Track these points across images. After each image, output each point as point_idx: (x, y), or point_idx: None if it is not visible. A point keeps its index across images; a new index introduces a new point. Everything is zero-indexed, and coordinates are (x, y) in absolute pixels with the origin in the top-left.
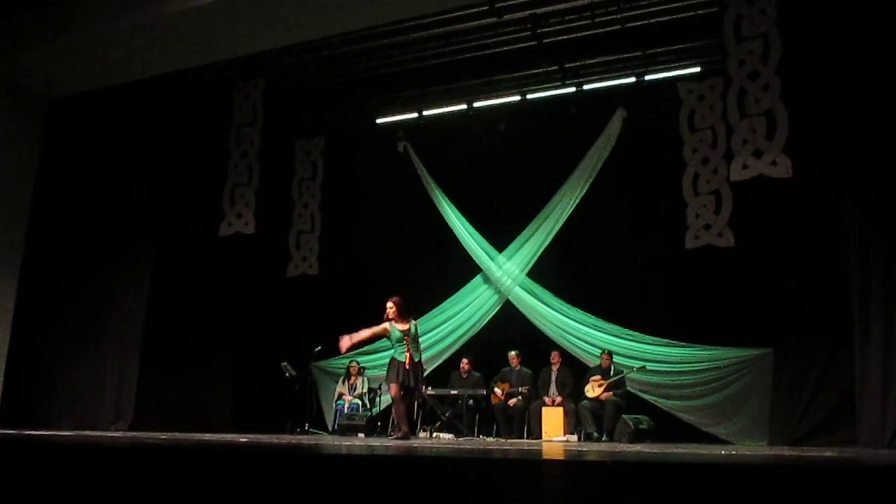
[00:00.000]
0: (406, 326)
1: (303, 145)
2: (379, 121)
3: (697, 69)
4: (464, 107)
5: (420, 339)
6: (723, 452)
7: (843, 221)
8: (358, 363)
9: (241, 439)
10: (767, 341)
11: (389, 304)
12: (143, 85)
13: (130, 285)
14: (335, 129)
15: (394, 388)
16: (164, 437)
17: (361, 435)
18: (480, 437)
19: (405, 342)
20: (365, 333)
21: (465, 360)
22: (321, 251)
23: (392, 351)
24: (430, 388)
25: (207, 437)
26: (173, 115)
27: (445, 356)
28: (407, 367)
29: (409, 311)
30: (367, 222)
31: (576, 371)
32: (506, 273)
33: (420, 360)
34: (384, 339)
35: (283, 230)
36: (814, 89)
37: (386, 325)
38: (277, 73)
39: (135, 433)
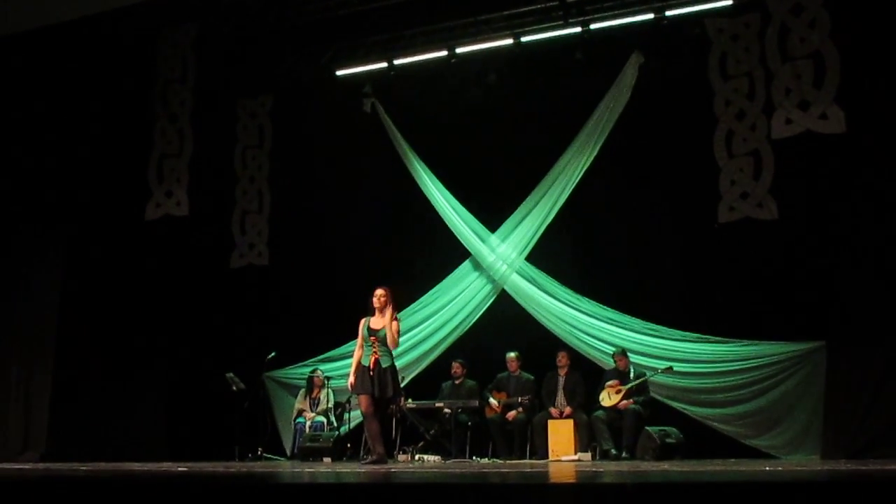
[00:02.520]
0: (381, 325)
1: (246, 105)
2: (340, 73)
3: (729, 2)
4: (444, 53)
5: (398, 341)
6: (767, 469)
7: None
8: (322, 373)
9: (179, 468)
10: (820, 333)
11: (381, 292)
12: (48, 34)
13: (38, 282)
14: (285, 85)
15: (363, 400)
16: (84, 468)
17: (327, 459)
18: (473, 458)
19: (372, 343)
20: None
21: (456, 364)
22: (271, 236)
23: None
24: (410, 400)
25: (137, 466)
26: (85, 71)
27: (428, 361)
28: (371, 372)
29: (395, 306)
30: (327, 199)
31: (588, 376)
32: (500, 258)
33: (392, 366)
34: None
35: (224, 211)
36: (871, 26)
37: (362, 321)
38: (212, 16)
39: (48, 464)
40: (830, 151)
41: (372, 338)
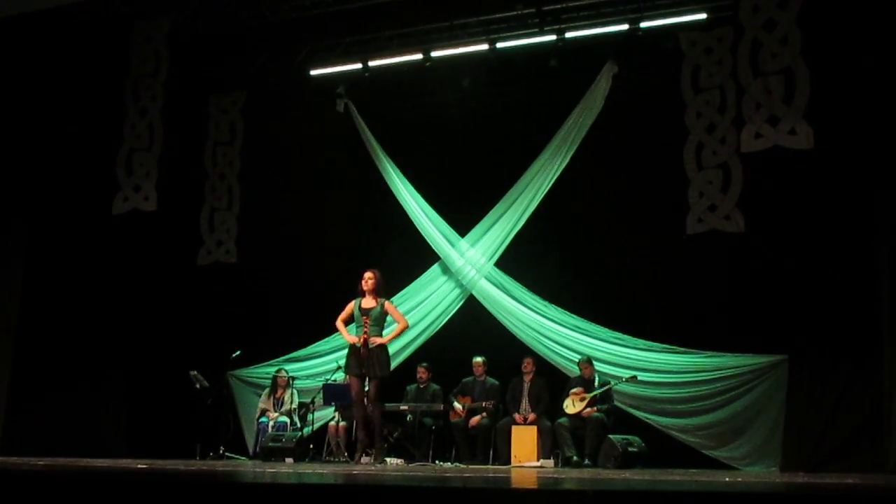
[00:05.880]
0: (372, 305)
1: (218, 102)
2: (313, 73)
3: (703, 16)
4: (419, 57)
5: (405, 318)
6: (727, 480)
7: (873, 204)
8: (286, 373)
9: (139, 465)
10: (782, 347)
11: (369, 275)
12: (16, 23)
13: None
14: (258, 83)
15: (354, 383)
16: (41, 462)
17: (289, 460)
18: (436, 462)
19: (364, 322)
20: (341, 327)
21: (421, 369)
22: (240, 233)
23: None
24: None
25: (96, 462)
26: (55, 62)
27: (394, 364)
28: (362, 351)
29: (383, 290)
30: (298, 198)
31: (553, 382)
32: (469, 262)
33: (382, 346)
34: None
35: (193, 207)
36: (841, 43)
37: (352, 302)
38: (186, 10)
39: (3, 458)
40: (798, 167)
41: (364, 317)
